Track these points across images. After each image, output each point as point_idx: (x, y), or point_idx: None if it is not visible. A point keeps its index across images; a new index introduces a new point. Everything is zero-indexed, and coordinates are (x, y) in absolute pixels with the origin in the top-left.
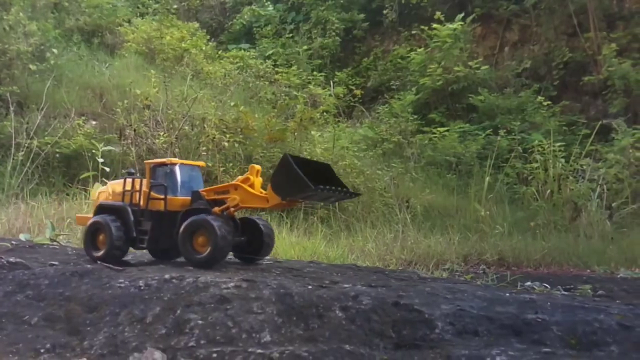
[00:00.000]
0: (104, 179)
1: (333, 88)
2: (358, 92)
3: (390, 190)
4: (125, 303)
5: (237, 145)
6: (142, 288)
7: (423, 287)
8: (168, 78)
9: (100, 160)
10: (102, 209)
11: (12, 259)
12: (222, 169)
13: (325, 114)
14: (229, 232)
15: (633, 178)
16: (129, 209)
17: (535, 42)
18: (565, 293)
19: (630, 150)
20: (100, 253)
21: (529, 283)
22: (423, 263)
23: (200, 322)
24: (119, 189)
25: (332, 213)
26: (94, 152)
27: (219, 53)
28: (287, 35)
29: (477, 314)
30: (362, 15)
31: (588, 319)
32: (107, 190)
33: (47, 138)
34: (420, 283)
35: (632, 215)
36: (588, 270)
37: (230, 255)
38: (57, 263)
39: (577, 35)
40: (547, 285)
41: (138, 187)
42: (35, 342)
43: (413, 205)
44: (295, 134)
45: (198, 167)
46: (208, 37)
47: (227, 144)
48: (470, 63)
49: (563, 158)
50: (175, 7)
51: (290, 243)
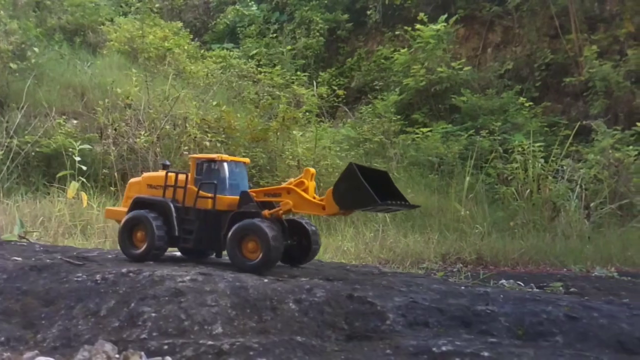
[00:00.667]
0: (81, 178)
1: (316, 88)
2: (341, 92)
3: None
4: (81, 297)
5: (219, 145)
6: (98, 282)
7: (380, 280)
8: (150, 77)
9: (77, 159)
10: (139, 204)
11: None
12: None
13: (308, 114)
14: (280, 237)
15: (612, 178)
16: (172, 206)
17: (518, 43)
18: (537, 290)
19: (610, 151)
20: (139, 252)
21: (503, 281)
22: (401, 262)
23: (154, 314)
24: (157, 182)
25: None
26: (71, 150)
27: (202, 52)
28: (271, 35)
29: (428, 306)
30: (346, 16)
31: (536, 311)
32: (140, 183)
33: (27, 137)
34: (379, 277)
35: (609, 215)
36: (565, 269)
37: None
38: (19, 259)
39: (558, 37)
40: (520, 283)
41: (181, 182)
42: None
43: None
44: (278, 134)
45: (243, 163)
46: (191, 36)
47: (208, 144)
48: (453, 64)
49: (543, 158)
50: (158, 5)
51: None
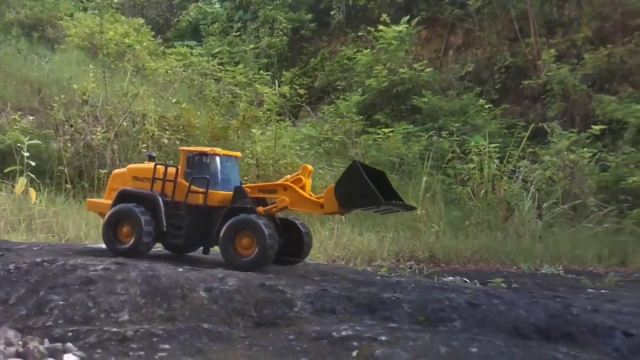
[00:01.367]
0: (30, 174)
1: (278, 87)
2: (302, 91)
3: None
4: None
5: (178, 143)
6: (11, 271)
7: (297, 270)
8: (108, 74)
9: (26, 154)
10: (125, 197)
11: None
12: None
13: (269, 113)
14: (276, 235)
15: (566, 180)
16: (161, 200)
17: (478, 46)
18: (480, 286)
19: (566, 153)
20: (125, 247)
21: (451, 278)
22: (353, 260)
23: (61, 303)
24: (143, 175)
25: None
26: (19, 145)
27: (163, 49)
28: (234, 34)
29: (338, 294)
30: (310, 16)
31: (440, 298)
32: (125, 174)
33: None
34: (297, 267)
35: (562, 215)
36: (515, 267)
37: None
38: None
39: (518, 41)
40: (466, 280)
41: (170, 175)
42: None
43: None
44: (238, 132)
45: (235, 157)
46: (153, 33)
47: (167, 141)
48: (415, 65)
49: (498, 159)
50: (117, 1)
51: None
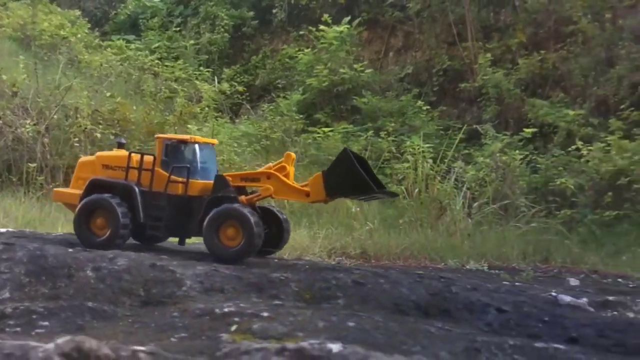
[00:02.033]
0: None
1: (217, 83)
2: (241, 88)
3: None
4: None
5: (112, 137)
6: None
7: (192, 253)
8: (40, 65)
9: None
10: (96, 186)
11: None
12: None
13: (207, 109)
14: (261, 224)
15: (498, 180)
16: (137, 190)
17: (418, 48)
18: (370, 268)
19: (498, 154)
20: (100, 240)
21: None
22: (284, 255)
23: None
24: (115, 163)
25: None
26: None
27: (99, 42)
28: (174, 29)
29: (229, 274)
30: (251, 13)
31: (328, 278)
32: (94, 162)
33: None
34: (192, 250)
35: (492, 215)
36: (442, 264)
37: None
38: None
39: (456, 44)
40: None
41: (147, 164)
42: None
43: (290, 202)
44: (175, 128)
45: (212, 145)
46: (90, 26)
47: (100, 135)
48: (356, 66)
49: (432, 159)
50: None
51: None
